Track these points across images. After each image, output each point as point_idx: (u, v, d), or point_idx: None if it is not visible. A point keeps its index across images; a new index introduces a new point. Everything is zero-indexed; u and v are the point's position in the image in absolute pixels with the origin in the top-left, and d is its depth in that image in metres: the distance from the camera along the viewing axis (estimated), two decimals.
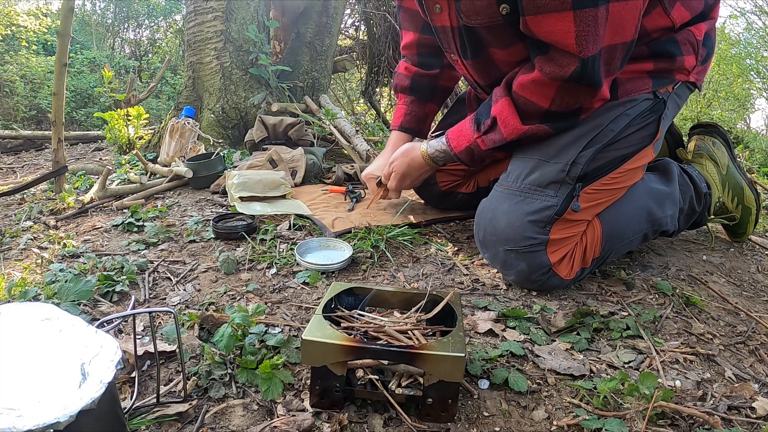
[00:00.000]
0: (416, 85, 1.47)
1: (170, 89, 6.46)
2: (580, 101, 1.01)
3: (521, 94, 1.04)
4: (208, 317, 0.91)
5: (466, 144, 1.17)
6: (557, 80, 0.97)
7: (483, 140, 1.13)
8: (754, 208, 1.40)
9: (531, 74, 1.00)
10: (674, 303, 1.06)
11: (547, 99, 1.01)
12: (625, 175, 1.08)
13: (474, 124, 1.14)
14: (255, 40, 2.58)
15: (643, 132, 1.07)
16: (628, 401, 0.74)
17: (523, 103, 1.04)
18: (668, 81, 1.11)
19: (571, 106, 1.02)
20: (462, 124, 1.19)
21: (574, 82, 0.96)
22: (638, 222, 1.15)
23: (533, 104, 1.03)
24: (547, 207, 1.03)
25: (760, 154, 5.06)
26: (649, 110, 1.07)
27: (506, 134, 1.08)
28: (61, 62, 1.75)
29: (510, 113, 1.06)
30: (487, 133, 1.12)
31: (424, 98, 1.49)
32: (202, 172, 1.89)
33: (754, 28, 9.21)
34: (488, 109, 1.11)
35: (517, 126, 1.06)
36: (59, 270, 1.15)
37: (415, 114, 1.49)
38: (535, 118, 1.05)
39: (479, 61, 1.16)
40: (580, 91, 0.99)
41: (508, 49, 1.09)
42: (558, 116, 1.04)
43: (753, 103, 9.52)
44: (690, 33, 1.10)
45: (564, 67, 0.94)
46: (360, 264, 1.22)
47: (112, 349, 0.56)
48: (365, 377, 0.72)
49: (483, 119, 1.12)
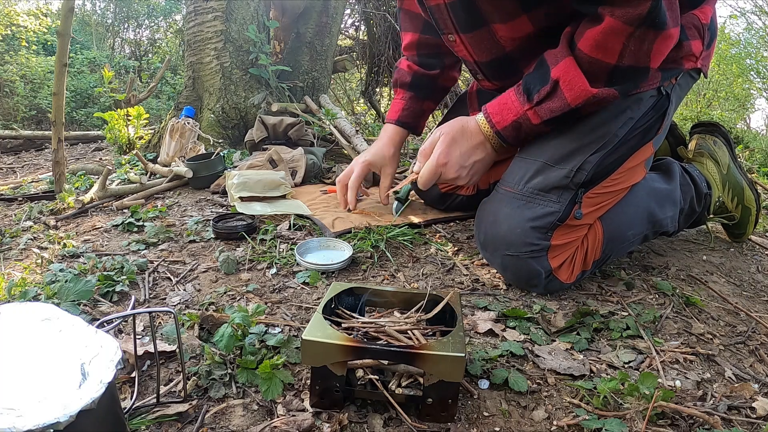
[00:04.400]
0: (416, 82, 1.47)
1: (170, 89, 6.47)
2: (650, 51, 0.93)
3: (587, 52, 0.94)
4: (208, 317, 0.91)
5: (512, 118, 1.04)
6: (632, 23, 0.88)
7: (536, 111, 1.01)
8: (754, 208, 1.40)
9: (599, 25, 0.91)
10: (674, 303, 1.06)
11: (615, 52, 0.92)
12: (625, 174, 1.07)
13: (523, 94, 1.03)
14: (255, 40, 2.58)
15: (644, 131, 1.07)
16: (628, 401, 0.74)
17: (588, 62, 0.95)
18: (675, 71, 1.08)
19: (639, 59, 0.94)
20: (503, 98, 1.07)
21: (646, 25, 0.89)
22: (639, 224, 1.14)
23: (600, 62, 0.94)
24: (550, 213, 1.01)
25: (760, 154, 5.06)
26: (652, 108, 1.06)
27: (571, 99, 0.97)
28: (61, 62, 1.75)
29: (576, 74, 0.96)
30: (542, 102, 1.00)
31: (423, 95, 1.48)
32: (202, 172, 1.89)
33: (754, 28, 9.23)
34: (543, 76, 1.00)
35: (586, 88, 0.96)
36: (59, 270, 1.15)
37: (413, 110, 1.48)
38: (602, 79, 0.96)
39: (479, 33, 1.11)
40: (649, 36, 0.91)
41: (511, 24, 1.05)
42: (625, 75, 0.96)
43: (753, 103, 9.55)
44: (695, 17, 1.07)
45: (639, 6, 0.87)
46: (360, 264, 1.22)
47: (112, 349, 0.56)
48: (365, 377, 0.72)
49: (536, 87, 1.00)
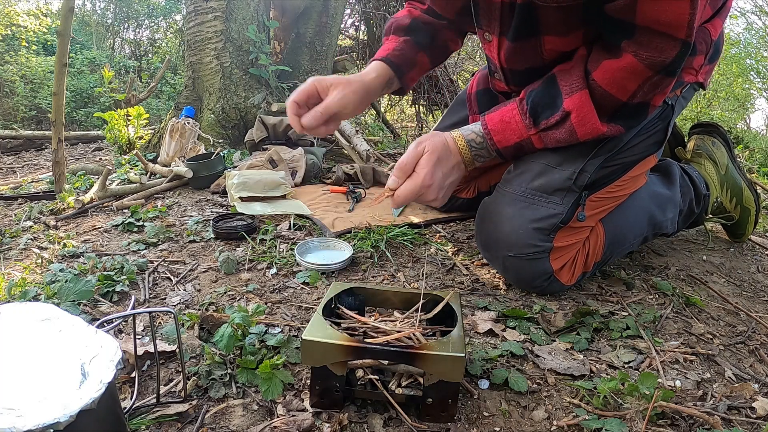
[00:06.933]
0: (416, 27, 1.21)
1: (170, 89, 6.47)
2: (656, 93, 0.91)
3: (602, 85, 0.90)
4: (208, 317, 0.91)
5: (516, 140, 1.00)
6: (654, 68, 0.86)
7: (541, 137, 0.98)
8: (753, 209, 1.40)
9: (620, 60, 0.87)
10: (674, 303, 1.06)
11: (629, 92, 0.90)
12: (629, 182, 1.07)
13: (528, 117, 0.98)
14: (255, 40, 2.58)
15: (650, 140, 1.06)
16: (628, 401, 0.74)
17: (600, 95, 0.91)
18: (678, 84, 1.06)
19: (646, 99, 0.92)
20: (505, 114, 1.00)
21: (665, 72, 0.86)
22: (640, 226, 1.15)
23: (611, 97, 0.91)
24: (553, 215, 1.00)
25: (760, 154, 5.06)
26: (657, 118, 1.05)
27: (581, 134, 0.94)
28: (61, 62, 1.75)
29: (590, 110, 0.92)
30: (549, 130, 0.97)
31: (420, 44, 1.20)
32: (202, 172, 1.89)
33: (754, 28, 9.23)
34: (553, 101, 0.95)
35: (597, 126, 0.93)
36: (59, 270, 1.15)
37: (406, 55, 1.18)
38: (608, 115, 0.94)
39: (525, 42, 1.00)
40: (663, 82, 0.89)
41: (566, 38, 0.96)
42: (630, 113, 0.94)
43: (753, 103, 9.55)
44: (706, 31, 1.04)
45: (664, 52, 0.84)
46: (360, 264, 1.22)
47: (112, 349, 0.56)
48: (365, 377, 0.72)
49: (545, 112, 0.96)
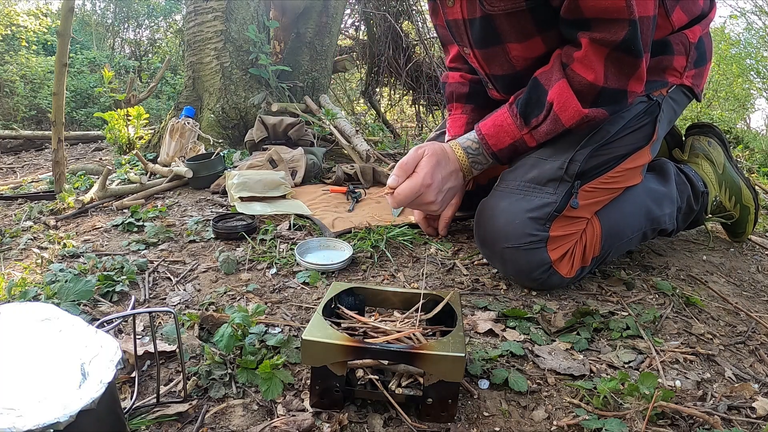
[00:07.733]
0: (474, 92, 1.35)
1: (170, 89, 6.47)
2: (629, 75, 0.99)
3: (576, 70, 1.00)
4: (208, 317, 0.91)
5: (509, 141, 1.10)
6: (608, 45, 0.96)
7: (533, 134, 1.08)
8: (752, 207, 1.41)
9: (582, 47, 0.99)
10: (674, 303, 1.06)
11: (599, 74, 0.99)
12: (623, 175, 1.10)
13: (519, 118, 1.08)
14: (255, 40, 2.58)
15: (638, 133, 1.10)
16: (628, 401, 0.74)
17: (578, 82, 1.01)
18: (660, 84, 1.13)
19: (621, 82, 1.00)
20: (497, 119, 1.11)
21: (621, 50, 0.95)
22: (637, 220, 1.16)
23: (588, 83, 1.00)
24: (547, 204, 1.04)
25: (760, 154, 5.05)
26: (643, 113, 1.10)
27: (565, 119, 1.03)
28: (61, 62, 1.75)
29: (569, 95, 1.01)
30: (539, 126, 1.06)
31: (482, 107, 1.33)
32: (202, 172, 1.89)
33: (754, 28, 9.22)
34: (539, 99, 1.05)
35: (578, 109, 1.02)
36: (59, 270, 1.15)
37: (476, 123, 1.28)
38: (591, 100, 1.02)
39: (493, 50, 1.13)
40: (626, 61, 0.98)
41: (525, 43, 1.08)
42: (611, 97, 1.01)
43: (753, 103, 9.53)
44: (683, 35, 1.13)
45: (616, 33, 0.94)
46: (360, 264, 1.22)
47: (112, 349, 0.56)
48: (365, 377, 0.72)
49: (533, 112, 1.06)
